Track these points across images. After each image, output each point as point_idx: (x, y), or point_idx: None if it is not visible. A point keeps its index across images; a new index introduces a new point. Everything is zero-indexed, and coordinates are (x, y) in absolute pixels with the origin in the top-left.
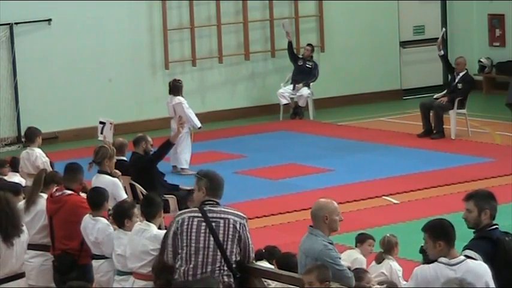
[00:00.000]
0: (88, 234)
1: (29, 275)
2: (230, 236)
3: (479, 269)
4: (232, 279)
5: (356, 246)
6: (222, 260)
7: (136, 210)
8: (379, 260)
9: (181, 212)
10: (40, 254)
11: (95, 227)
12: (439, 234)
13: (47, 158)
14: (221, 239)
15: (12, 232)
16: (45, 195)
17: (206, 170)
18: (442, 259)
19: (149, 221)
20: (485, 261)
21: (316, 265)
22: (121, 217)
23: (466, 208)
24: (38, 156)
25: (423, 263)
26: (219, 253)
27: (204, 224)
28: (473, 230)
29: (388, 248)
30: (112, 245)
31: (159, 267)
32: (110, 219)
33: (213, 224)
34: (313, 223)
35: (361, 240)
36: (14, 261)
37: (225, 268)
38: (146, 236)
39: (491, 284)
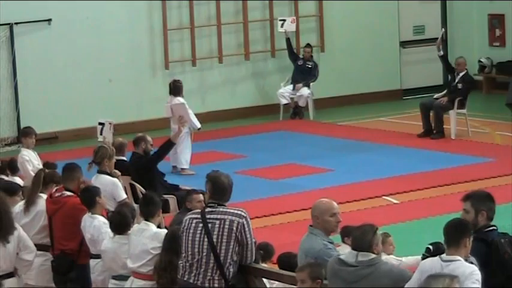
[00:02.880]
0: (86, 232)
1: (28, 275)
2: (225, 238)
3: (465, 271)
4: (223, 285)
5: (343, 241)
6: (215, 263)
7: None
8: None
9: (188, 213)
10: (40, 254)
11: (92, 225)
12: (447, 234)
13: (36, 162)
14: (215, 240)
15: (10, 230)
16: (44, 196)
17: (213, 173)
18: (443, 255)
19: (148, 221)
20: (480, 263)
21: (308, 263)
22: (125, 227)
23: (463, 209)
24: (24, 163)
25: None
26: (212, 255)
27: (200, 225)
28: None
29: None
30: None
31: (161, 266)
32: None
33: (209, 225)
34: (312, 223)
35: (348, 234)
36: (8, 258)
37: (217, 271)
38: (146, 235)
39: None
